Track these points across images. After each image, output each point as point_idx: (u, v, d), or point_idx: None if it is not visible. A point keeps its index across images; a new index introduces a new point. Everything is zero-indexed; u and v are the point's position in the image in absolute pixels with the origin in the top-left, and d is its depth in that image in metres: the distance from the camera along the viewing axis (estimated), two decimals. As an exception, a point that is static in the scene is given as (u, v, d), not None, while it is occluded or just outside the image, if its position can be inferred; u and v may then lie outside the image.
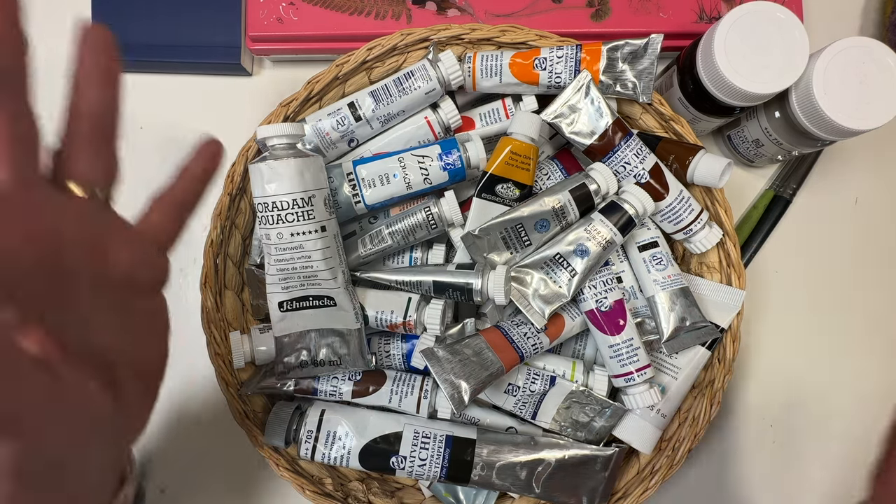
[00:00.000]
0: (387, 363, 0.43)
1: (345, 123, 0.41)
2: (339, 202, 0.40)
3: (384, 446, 0.39)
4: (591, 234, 0.38)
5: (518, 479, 0.39)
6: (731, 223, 0.42)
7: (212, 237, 0.41)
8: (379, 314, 0.40)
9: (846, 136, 0.40)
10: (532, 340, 0.39)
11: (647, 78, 0.41)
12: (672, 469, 0.41)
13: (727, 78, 0.39)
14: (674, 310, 0.40)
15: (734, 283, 0.42)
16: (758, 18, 0.39)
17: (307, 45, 0.50)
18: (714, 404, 0.41)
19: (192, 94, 0.53)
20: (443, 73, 0.41)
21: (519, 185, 0.40)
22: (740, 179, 0.51)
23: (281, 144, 0.36)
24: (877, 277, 0.50)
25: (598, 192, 0.40)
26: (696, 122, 0.45)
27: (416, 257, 0.43)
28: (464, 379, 0.36)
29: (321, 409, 0.40)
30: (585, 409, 0.40)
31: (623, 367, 0.39)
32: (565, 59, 0.41)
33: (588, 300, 0.40)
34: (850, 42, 0.39)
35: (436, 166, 0.40)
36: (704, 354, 0.42)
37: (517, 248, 0.40)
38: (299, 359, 0.39)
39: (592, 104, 0.40)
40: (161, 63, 0.51)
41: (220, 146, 0.29)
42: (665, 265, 0.41)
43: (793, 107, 0.41)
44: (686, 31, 0.48)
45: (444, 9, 0.48)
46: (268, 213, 0.36)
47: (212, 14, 0.50)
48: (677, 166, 0.41)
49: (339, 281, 0.38)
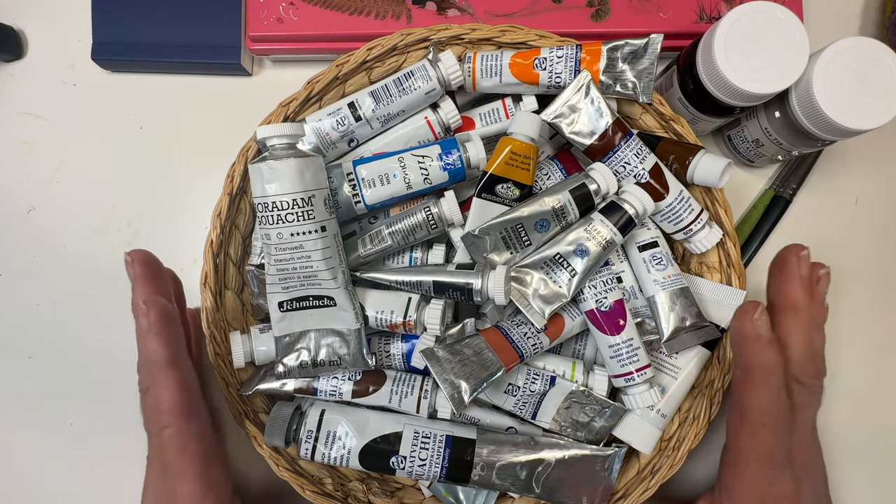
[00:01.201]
0: (387, 363, 0.43)
1: (345, 123, 0.41)
2: (339, 202, 0.40)
3: (384, 446, 0.39)
4: (591, 234, 0.38)
5: (518, 479, 0.39)
6: (731, 223, 0.42)
7: (212, 237, 0.41)
8: (379, 314, 0.40)
9: (846, 136, 0.40)
10: (532, 340, 0.39)
11: (647, 78, 0.41)
12: (672, 469, 0.41)
13: (727, 78, 0.39)
14: (674, 310, 0.40)
15: (734, 283, 0.42)
16: (758, 18, 0.39)
17: (307, 45, 0.50)
18: (714, 404, 0.41)
19: (192, 94, 0.53)
20: (443, 73, 0.41)
21: (519, 185, 0.40)
22: (740, 179, 0.51)
23: (281, 144, 0.36)
24: (877, 277, 0.50)
25: (598, 192, 0.40)
26: (696, 122, 0.45)
27: (416, 257, 0.43)
28: (464, 379, 0.36)
29: (321, 409, 0.40)
30: (585, 409, 0.40)
31: (623, 367, 0.39)
32: (565, 59, 0.41)
33: (588, 300, 0.40)
34: (850, 42, 0.39)
35: (436, 166, 0.40)
36: (704, 354, 0.42)
37: (517, 248, 0.40)
38: (299, 359, 0.39)
39: (592, 104, 0.40)
40: (161, 63, 0.51)
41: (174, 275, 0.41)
42: (665, 265, 0.41)
43: (793, 107, 0.41)
44: (686, 31, 0.48)
45: (444, 9, 0.48)
46: (268, 213, 0.36)
47: (212, 14, 0.50)
48: (677, 166, 0.41)
49: (339, 281, 0.38)
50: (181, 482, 0.35)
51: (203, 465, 0.36)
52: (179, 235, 0.51)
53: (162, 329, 0.34)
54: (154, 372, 0.34)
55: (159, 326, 0.34)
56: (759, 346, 0.34)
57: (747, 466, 0.36)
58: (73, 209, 0.52)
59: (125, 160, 0.52)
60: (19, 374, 0.50)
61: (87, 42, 0.51)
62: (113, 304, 0.50)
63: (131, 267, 0.35)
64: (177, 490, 0.35)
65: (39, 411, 0.50)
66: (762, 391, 0.34)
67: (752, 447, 0.35)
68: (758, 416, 0.35)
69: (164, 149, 0.52)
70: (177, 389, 0.34)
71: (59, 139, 0.52)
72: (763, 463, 0.35)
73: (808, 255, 0.37)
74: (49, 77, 0.53)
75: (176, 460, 0.35)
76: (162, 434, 0.35)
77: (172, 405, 0.34)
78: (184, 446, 0.35)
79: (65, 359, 0.50)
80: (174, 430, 0.34)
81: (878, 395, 0.49)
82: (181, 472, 0.35)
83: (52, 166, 0.52)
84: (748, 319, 0.34)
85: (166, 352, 0.34)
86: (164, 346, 0.34)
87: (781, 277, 0.37)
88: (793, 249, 0.37)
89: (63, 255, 0.51)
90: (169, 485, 0.35)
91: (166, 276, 0.38)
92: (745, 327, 0.34)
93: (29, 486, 0.49)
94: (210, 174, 0.47)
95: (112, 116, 0.53)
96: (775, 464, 0.35)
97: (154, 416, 0.35)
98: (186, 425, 0.35)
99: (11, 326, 0.51)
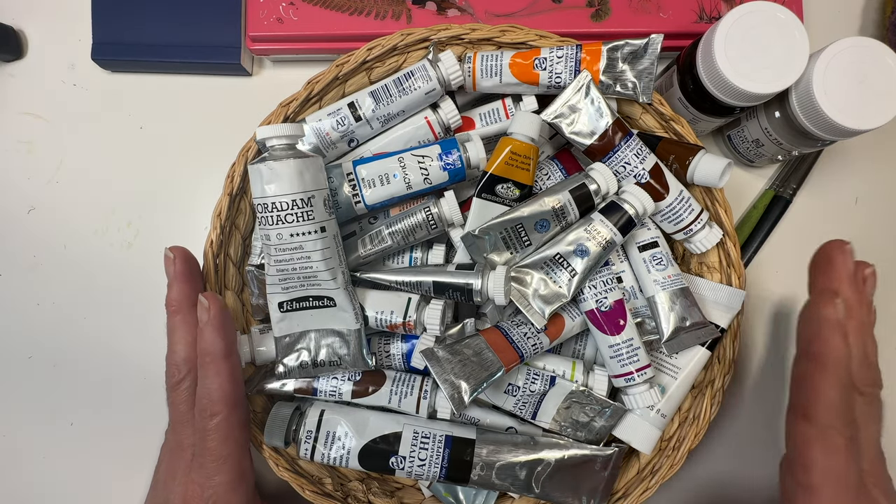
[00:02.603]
0: (387, 363, 0.43)
1: (345, 123, 0.41)
2: (339, 202, 0.40)
3: (383, 446, 0.39)
4: (591, 235, 0.38)
5: (518, 479, 0.39)
6: (731, 223, 0.42)
7: (212, 237, 0.41)
8: (379, 314, 0.40)
9: (846, 136, 0.40)
10: (532, 340, 0.39)
11: (647, 78, 0.41)
12: (672, 469, 0.41)
13: (727, 78, 0.39)
14: (674, 310, 0.40)
15: (734, 283, 0.42)
16: (758, 18, 0.39)
17: (307, 45, 0.50)
18: (714, 404, 0.41)
19: (192, 94, 0.53)
20: (443, 73, 0.41)
21: (519, 185, 0.40)
22: (740, 179, 0.51)
23: (280, 145, 0.36)
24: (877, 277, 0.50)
25: (598, 192, 0.40)
26: (696, 122, 0.45)
27: (416, 257, 0.43)
28: (464, 379, 0.36)
29: (321, 409, 0.40)
30: (585, 409, 0.40)
31: (623, 367, 0.39)
32: (565, 59, 0.41)
33: (588, 300, 0.40)
34: (850, 42, 0.39)
35: (436, 166, 0.40)
36: (704, 354, 0.42)
37: (517, 248, 0.40)
38: (299, 359, 0.39)
39: (592, 104, 0.40)
40: (161, 63, 0.51)
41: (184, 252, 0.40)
42: (665, 265, 0.41)
43: (793, 107, 0.41)
44: (686, 31, 0.48)
45: (444, 9, 0.48)
46: (267, 214, 0.36)
47: (212, 14, 0.50)
48: (677, 166, 0.41)
49: (339, 281, 0.38)
50: (221, 470, 0.36)
51: (242, 454, 0.37)
52: (179, 236, 0.51)
53: (221, 322, 0.36)
54: (210, 363, 0.36)
55: (219, 320, 0.36)
56: (840, 333, 0.30)
57: (822, 489, 0.31)
58: (73, 209, 0.52)
59: (125, 160, 0.52)
60: (19, 374, 0.50)
61: (87, 42, 0.51)
62: (113, 303, 0.50)
63: (172, 264, 0.37)
64: (214, 477, 0.36)
65: (39, 411, 0.50)
66: (837, 387, 0.30)
67: (826, 462, 0.31)
68: (831, 417, 0.31)
69: (164, 149, 0.52)
70: (229, 379, 0.36)
71: (59, 139, 0.52)
72: (839, 485, 0.31)
73: (852, 250, 0.33)
74: (49, 77, 0.53)
75: (219, 448, 0.36)
76: (210, 422, 0.36)
77: (224, 394, 0.36)
78: (228, 434, 0.36)
79: (65, 359, 0.50)
80: (223, 418, 0.36)
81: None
82: (223, 459, 0.36)
83: (52, 166, 0.52)
84: (831, 303, 0.30)
85: (223, 344, 0.36)
86: (223, 338, 0.36)
87: (827, 276, 0.33)
88: (836, 244, 0.33)
89: (63, 255, 0.51)
90: (206, 471, 0.36)
91: (200, 273, 0.40)
92: (827, 310, 0.30)
93: (29, 486, 0.49)
94: (210, 174, 0.47)
95: (112, 116, 0.53)
96: (851, 487, 0.31)
97: (205, 404, 0.36)
98: (235, 414, 0.36)
99: (11, 326, 0.51)
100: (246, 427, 0.38)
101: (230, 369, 0.36)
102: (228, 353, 0.36)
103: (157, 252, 0.39)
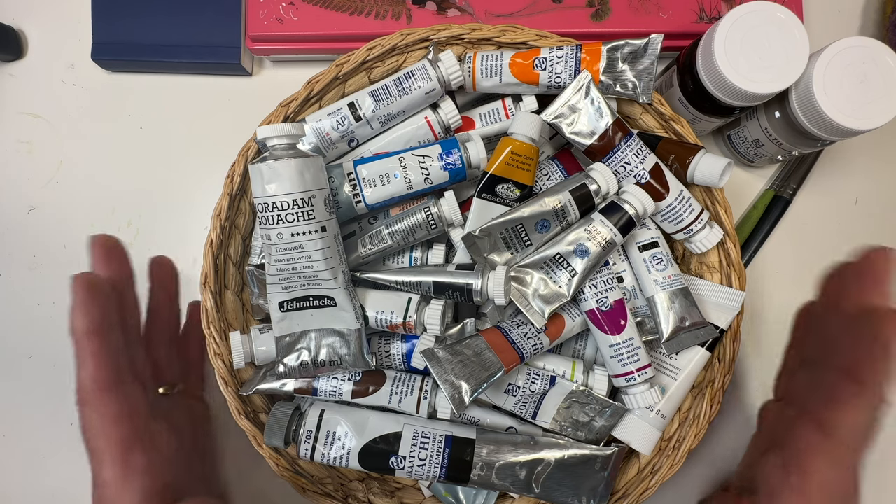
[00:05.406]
0: (387, 363, 0.43)
1: (345, 123, 0.41)
2: (339, 202, 0.40)
3: (383, 446, 0.39)
4: (592, 235, 0.38)
5: (518, 479, 0.39)
6: (731, 223, 0.42)
7: (212, 237, 0.41)
8: (379, 314, 0.40)
9: (846, 136, 0.40)
10: (532, 340, 0.39)
11: (647, 78, 0.41)
12: (672, 469, 0.41)
13: (727, 78, 0.39)
14: (673, 310, 0.40)
15: (734, 282, 0.42)
16: (758, 18, 0.39)
17: (307, 45, 0.50)
18: (714, 404, 0.41)
19: (192, 94, 0.53)
20: (443, 73, 0.41)
21: (519, 185, 0.40)
22: (740, 179, 0.51)
23: (281, 144, 0.36)
24: None
25: (599, 192, 0.40)
26: (696, 122, 0.45)
27: (416, 257, 0.43)
28: (464, 379, 0.36)
29: (320, 409, 0.40)
30: (585, 408, 0.40)
31: (623, 366, 0.39)
32: (565, 59, 0.41)
33: (589, 300, 0.40)
34: (850, 42, 0.39)
35: (436, 166, 0.40)
36: (704, 355, 0.42)
37: (517, 248, 0.40)
38: (299, 359, 0.39)
39: (592, 104, 0.40)
40: (161, 63, 0.51)
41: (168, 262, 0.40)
42: (665, 265, 0.41)
43: (793, 107, 0.41)
44: (686, 31, 0.48)
45: (444, 9, 0.48)
46: (268, 214, 0.36)
47: (212, 14, 0.50)
48: (677, 166, 0.41)
49: (339, 281, 0.38)
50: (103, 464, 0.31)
51: (127, 447, 0.31)
52: (179, 235, 0.51)
53: (84, 300, 0.32)
54: (75, 343, 0.32)
55: (82, 297, 0.32)
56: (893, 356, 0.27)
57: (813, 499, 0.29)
58: (73, 209, 0.52)
59: (125, 160, 0.52)
60: (19, 374, 0.50)
61: (87, 42, 0.51)
62: (113, 304, 0.50)
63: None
64: (100, 474, 0.31)
65: (39, 411, 0.50)
66: (869, 410, 0.28)
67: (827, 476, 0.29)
68: (852, 438, 0.28)
69: (163, 149, 0.52)
70: (94, 362, 0.31)
71: (59, 139, 0.52)
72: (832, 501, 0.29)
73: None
74: (49, 77, 0.53)
75: (94, 441, 0.31)
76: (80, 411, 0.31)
77: (91, 379, 0.31)
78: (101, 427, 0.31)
79: (65, 359, 0.50)
80: (90, 409, 0.31)
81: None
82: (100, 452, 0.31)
83: (52, 166, 0.52)
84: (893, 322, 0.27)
85: (87, 321, 0.31)
86: (85, 316, 0.32)
87: (868, 288, 0.29)
88: (880, 252, 0.29)
89: (63, 255, 0.51)
90: (93, 466, 0.32)
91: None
92: (888, 329, 0.27)
93: (29, 486, 0.49)
94: (210, 174, 0.47)
95: (112, 116, 0.53)
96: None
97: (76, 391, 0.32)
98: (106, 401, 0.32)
99: (11, 326, 0.51)
100: (128, 418, 0.32)
101: (97, 349, 0.32)
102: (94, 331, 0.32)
103: (157, 252, 0.39)
